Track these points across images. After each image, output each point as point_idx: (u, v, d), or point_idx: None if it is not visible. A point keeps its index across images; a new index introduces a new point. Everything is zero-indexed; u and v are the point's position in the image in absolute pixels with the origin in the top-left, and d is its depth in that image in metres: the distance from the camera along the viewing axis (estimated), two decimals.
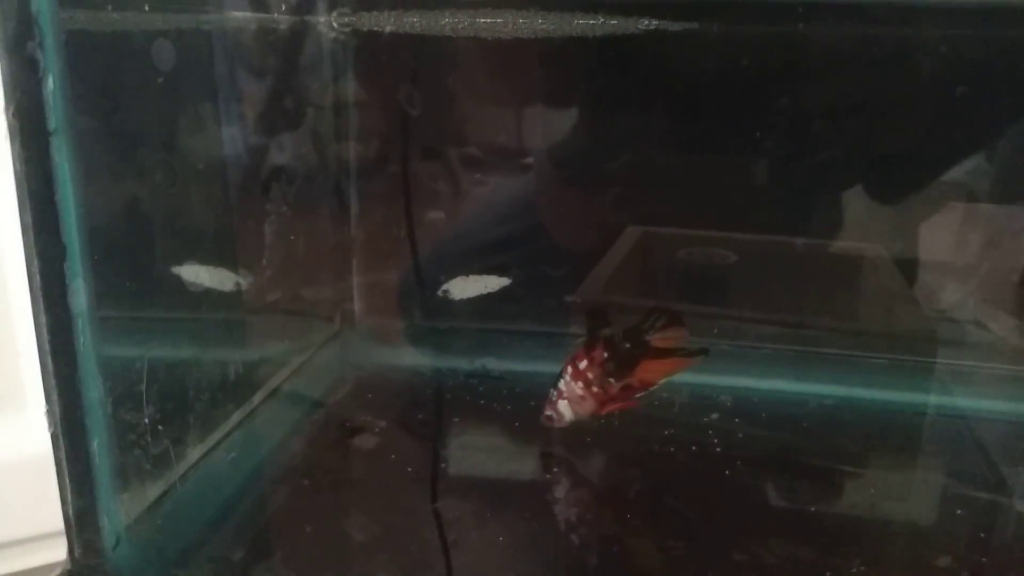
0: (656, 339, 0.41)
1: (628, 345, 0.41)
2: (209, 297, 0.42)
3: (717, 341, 0.54)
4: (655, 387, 0.42)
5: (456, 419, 0.48)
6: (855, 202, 0.55)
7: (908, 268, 0.54)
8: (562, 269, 0.57)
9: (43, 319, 0.29)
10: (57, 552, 0.55)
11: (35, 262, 0.28)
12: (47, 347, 0.29)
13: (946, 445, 0.47)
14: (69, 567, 0.32)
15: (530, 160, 0.58)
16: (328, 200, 0.55)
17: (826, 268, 0.56)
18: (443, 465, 0.43)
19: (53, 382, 0.30)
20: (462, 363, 0.54)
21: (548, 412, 0.42)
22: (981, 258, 0.53)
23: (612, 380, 0.41)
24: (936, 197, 0.53)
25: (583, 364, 0.41)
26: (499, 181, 0.59)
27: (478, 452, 0.45)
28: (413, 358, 0.55)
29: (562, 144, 0.57)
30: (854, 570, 0.35)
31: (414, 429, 0.47)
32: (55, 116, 0.27)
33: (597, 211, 0.59)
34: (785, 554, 0.36)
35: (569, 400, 0.42)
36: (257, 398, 0.44)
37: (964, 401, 0.50)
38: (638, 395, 0.42)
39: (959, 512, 0.40)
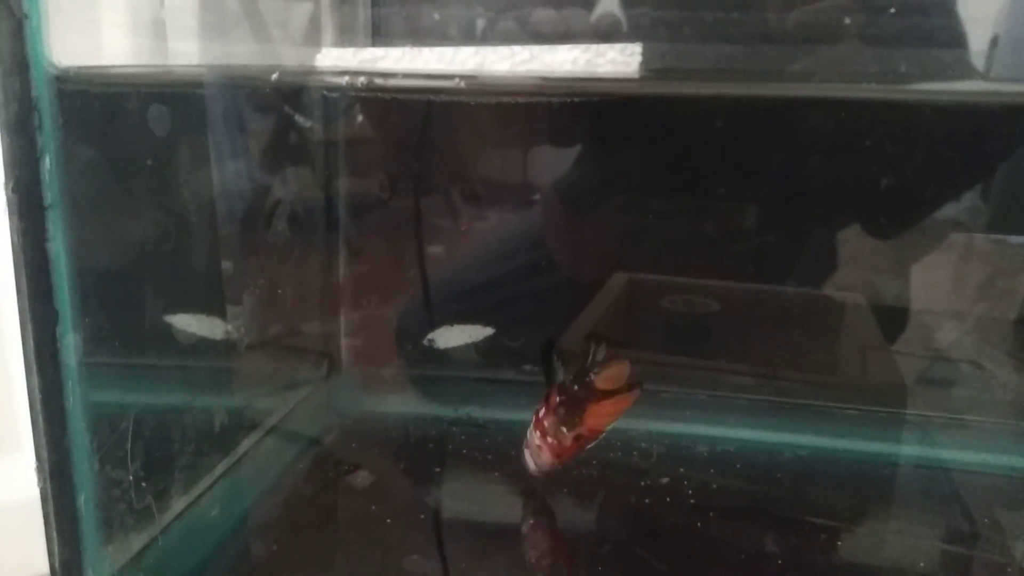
0: (600, 380, 0.40)
1: (576, 388, 0.40)
2: (197, 349, 0.44)
3: (694, 391, 0.56)
4: (603, 433, 0.42)
5: (437, 468, 0.49)
6: (840, 247, 0.57)
7: (897, 312, 0.56)
8: (546, 320, 0.59)
9: (35, 380, 0.30)
10: None
11: (29, 327, 0.30)
12: (38, 406, 0.31)
13: (917, 495, 0.48)
14: None
15: (517, 211, 0.60)
16: (315, 258, 0.57)
17: (804, 316, 0.57)
18: (423, 514, 0.44)
19: (43, 440, 0.31)
20: (447, 411, 0.55)
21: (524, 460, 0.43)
22: (977, 298, 0.55)
23: (564, 430, 0.40)
24: (931, 237, 0.54)
25: (542, 412, 0.42)
26: (487, 231, 0.61)
27: (456, 499, 0.46)
28: (398, 406, 0.57)
29: (560, 185, 0.59)
30: None
31: (398, 477, 0.48)
32: (51, 192, 0.29)
33: (591, 245, 0.61)
34: None
35: (529, 450, 0.42)
36: (243, 447, 0.46)
37: (937, 452, 0.52)
38: (589, 444, 0.42)
39: (922, 564, 0.41)
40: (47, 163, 0.29)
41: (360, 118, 0.56)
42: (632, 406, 0.54)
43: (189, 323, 0.44)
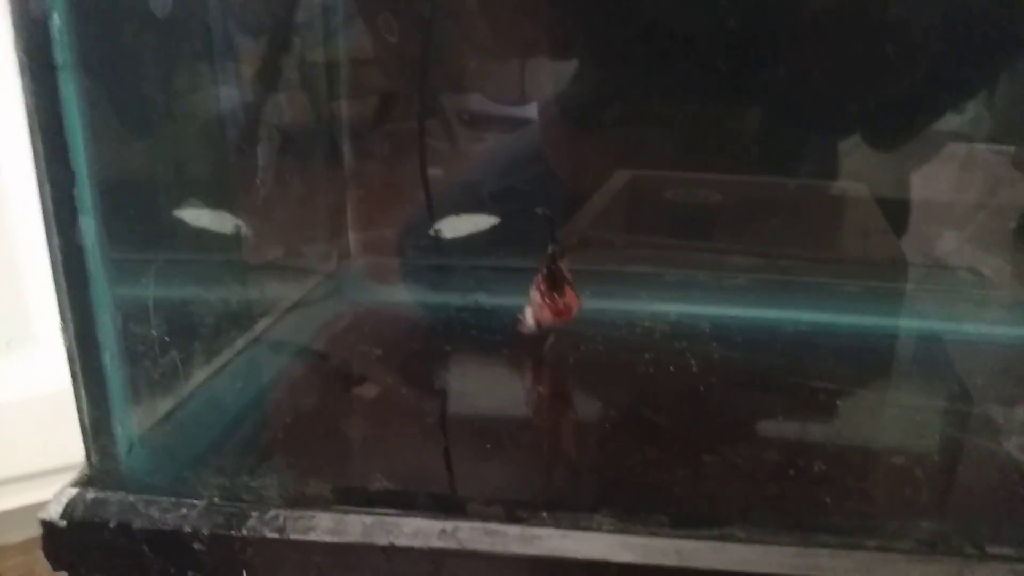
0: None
1: (552, 266, 0.45)
2: (209, 234, 0.45)
3: (696, 272, 0.57)
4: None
5: (448, 347, 0.51)
6: (845, 146, 0.57)
7: (898, 209, 0.57)
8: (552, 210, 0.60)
9: (56, 241, 0.32)
10: None
11: (47, 188, 0.31)
12: (60, 267, 0.32)
13: (911, 363, 0.50)
14: (87, 471, 0.35)
15: (526, 111, 0.60)
16: (324, 148, 0.57)
17: (806, 203, 0.58)
18: (437, 383, 0.46)
19: (67, 300, 0.32)
20: (455, 298, 0.56)
21: (519, 316, 0.47)
22: (978, 204, 0.55)
23: (556, 295, 0.45)
24: (933, 143, 0.55)
25: (538, 278, 0.46)
26: (495, 131, 0.61)
27: (468, 371, 0.48)
28: (407, 295, 0.58)
29: (562, 93, 0.59)
30: (815, 469, 0.38)
31: (410, 356, 0.50)
32: (61, 52, 0.29)
33: (590, 157, 0.62)
34: (752, 456, 0.39)
35: (532, 308, 0.46)
36: (259, 327, 0.47)
37: (931, 324, 0.53)
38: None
39: (917, 419, 0.43)
40: (56, 21, 0.29)
41: None
42: (638, 289, 0.56)
43: (199, 215, 0.45)
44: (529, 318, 0.47)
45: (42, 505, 0.69)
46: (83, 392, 0.34)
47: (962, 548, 0.31)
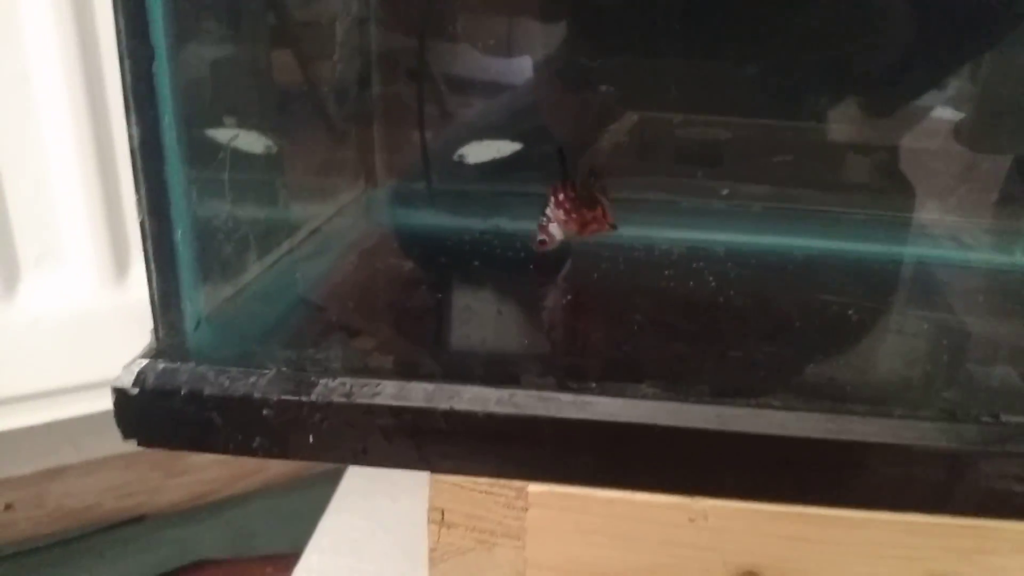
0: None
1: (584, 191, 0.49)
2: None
3: (709, 200, 0.59)
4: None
5: (475, 262, 0.53)
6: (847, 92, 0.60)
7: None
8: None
9: (134, 116, 0.33)
10: (99, 403, 0.60)
11: (127, 63, 0.32)
12: (137, 142, 0.33)
13: (909, 285, 0.53)
14: (155, 345, 0.36)
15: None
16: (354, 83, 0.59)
17: (814, 140, 0.61)
18: (472, 286, 0.48)
19: (142, 176, 0.34)
20: (476, 222, 0.58)
21: (541, 237, 0.49)
22: (961, 178, 0.58)
23: (584, 210, 0.49)
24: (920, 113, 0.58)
25: (562, 196, 0.49)
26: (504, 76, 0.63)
27: (501, 279, 0.50)
28: (432, 218, 0.60)
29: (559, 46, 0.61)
30: (838, 360, 0.40)
31: (444, 267, 0.52)
32: None
33: (596, 104, 0.63)
34: (773, 353, 0.41)
35: (558, 223, 0.49)
36: (299, 235, 0.49)
37: (930, 251, 0.56)
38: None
39: (925, 325, 0.46)
40: None
41: None
42: (652, 215, 0.58)
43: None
44: (557, 233, 0.49)
45: (57, 427, 0.70)
46: (153, 267, 0.35)
47: (979, 416, 0.34)
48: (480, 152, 0.58)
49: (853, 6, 0.55)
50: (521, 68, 0.63)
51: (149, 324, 0.37)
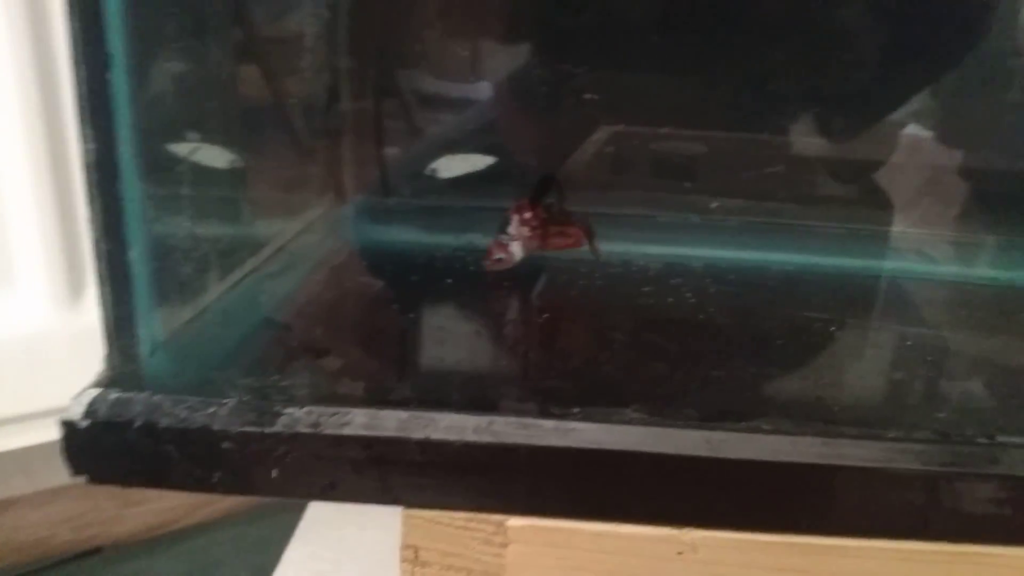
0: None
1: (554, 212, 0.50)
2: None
3: (687, 215, 0.58)
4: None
5: (448, 280, 0.51)
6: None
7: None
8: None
9: (88, 130, 0.31)
10: (52, 432, 0.57)
11: (82, 71, 0.30)
12: (92, 157, 0.31)
13: (889, 300, 0.52)
14: (108, 373, 0.34)
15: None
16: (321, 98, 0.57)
17: (790, 153, 0.60)
18: (440, 309, 0.46)
19: (95, 191, 0.32)
20: (449, 239, 0.56)
21: (498, 255, 0.49)
22: (923, 192, 0.58)
23: (551, 228, 0.49)
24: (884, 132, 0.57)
25: (528, 215, 0.48)
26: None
27: (476, 297, 0.48)
28: (403, 234, 0.58)
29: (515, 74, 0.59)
30: (824, 379, 0.39)
31: (416, 285, 0.50)
32: None
33: (570, 118, 0.62)
34: (758, 373, 0.40)
35: (521, 240, 0.48)
36: (264, 253, 0.47)
37: (912, 265, 0.56)
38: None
39: (909, 342, 0.45)
40: None
41: None
42: (629, 231, 0.57)
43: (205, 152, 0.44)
44: (518, 251, 0.49)
45: (6, 457, 0.66)
46: (107, 289, 0.33)
47: (974, 438, 0.33)
48: (453, 166, 0.57)
49: (829, 21, 0.54)
50: (493, 81, 0.61)
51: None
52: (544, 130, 0.63)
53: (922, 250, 0.56)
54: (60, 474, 0.71)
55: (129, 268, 0.33)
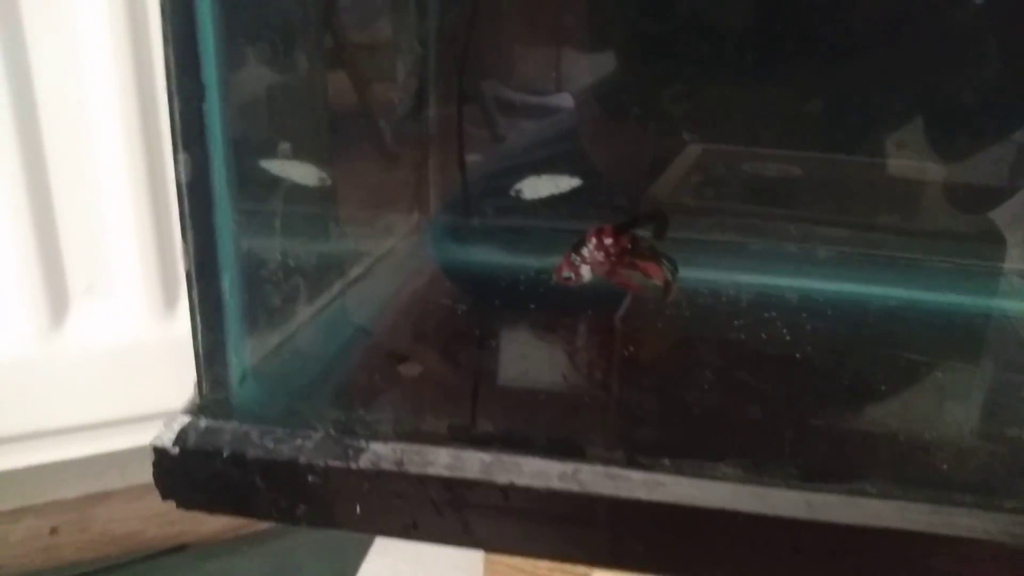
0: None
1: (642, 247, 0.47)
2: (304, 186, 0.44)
3: (782, 243, 0.56)
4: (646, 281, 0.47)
5: (531, 304, 0.50)
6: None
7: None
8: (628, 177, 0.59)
9: (182, 157, 0.31)
10: (146, 436, 0.58)
11: (176, 102, 0.31)
12: (184, 186, 0.31)
13: (1005, 342, 0.49)
14: (198, 400, 0.34)
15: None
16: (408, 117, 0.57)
17: (888, 179, 0.57)
18: (523, 337, 0.46)
19: (189, 221, 0.32)
20: (532, 260, 0.55)
21: (567, 273, 0.47)
22: None
23: (628, 258, 0.46)
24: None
25: (608, 240, 0.46)
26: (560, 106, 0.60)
27: (555, 325, 0.47)
28: (486, 255, 0.58)
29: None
30: (926, 435, 0.37)
31: (494, 310, 0.50)
32: None
33: (658, 134, 0.61)
34: (860, 423, 0.38)
35: (592, 265, 0.47)
36: (352, 274, 0.47)
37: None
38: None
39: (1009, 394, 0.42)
40: None
41: None
42: (719, 257, 0.55)
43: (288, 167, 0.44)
44: (587, 274, 0.47)
45: (102, 458, 0.69)
46: (199, 318, 0.33)
47: None
48: (538, 187, 0.56)
49: (940, 29, 0.51)
50: (579, 90, 0.60)
51: None
52: (629, 142, 0.61)
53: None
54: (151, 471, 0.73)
55: (221, 298, 0.33)
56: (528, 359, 0.43)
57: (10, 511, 0.71)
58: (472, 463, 0.31)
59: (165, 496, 0.34)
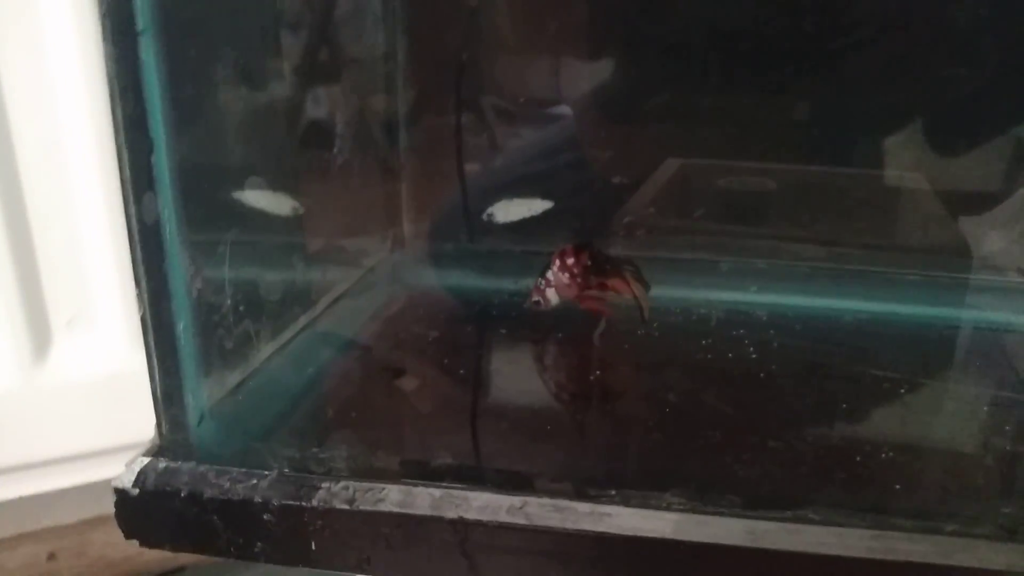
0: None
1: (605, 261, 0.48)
2: (272, 216, 0.45)
3: (752, 260, 0.56)
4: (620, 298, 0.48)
5: (503, 330, 0.50)
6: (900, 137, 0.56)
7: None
8: (601, 196, 0.60)
9: (132, 209, 0.32)
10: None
11: (125, 155, 0.31)
12: (136, 236, 0.32)
13: (974, 355, 0.49)
14: (157, 441, 0.35)
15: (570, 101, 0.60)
16: (380, 139, 0.58)
17: (862, 193, 0.57)
18: (490, 364, 0.46)
19: (142, 268, 0.33)
20: (507, 283, 0.56)
21: (536, 298, 0.49)
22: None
23: (592, 277, 0.47)
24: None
25: (570, 260, 0.47)
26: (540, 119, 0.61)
27: (524, 354, 0.48)
28: (459, 279, 0.58)
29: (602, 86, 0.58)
30: (883, 456, 0.37)
31: (466, 338, 0.50)
32: (143, 17, 0.30)
33: (637, 146, 0.61)
34: (818, 442, 0.38)
35: (556, 287, 0.48)
36: (320, 306, 0.48)
37: (993, 316, 0.52)
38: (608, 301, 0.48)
39: (984, 409, 0.42)
40: None
41: None
42: (691, 275, 0.56)
43: (259, 198, 0.45)
44: (553, 297, 0.48)
45: (96, 485, 0.70)
46: (156, 362, 0.34)
47: None
48: (510, 211, 0.56)
49: (912, 48, 0.51)
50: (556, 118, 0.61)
51: None
52: (604, 161, 0.62)
53: (1009, 298, 0.52)
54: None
55: (176, 342, 0.34)
56: (492, 388, 0.44)
57: (7, 538, 0.72)
58: (422, 499, 0.32)
59: (128, 535, 0.34)
